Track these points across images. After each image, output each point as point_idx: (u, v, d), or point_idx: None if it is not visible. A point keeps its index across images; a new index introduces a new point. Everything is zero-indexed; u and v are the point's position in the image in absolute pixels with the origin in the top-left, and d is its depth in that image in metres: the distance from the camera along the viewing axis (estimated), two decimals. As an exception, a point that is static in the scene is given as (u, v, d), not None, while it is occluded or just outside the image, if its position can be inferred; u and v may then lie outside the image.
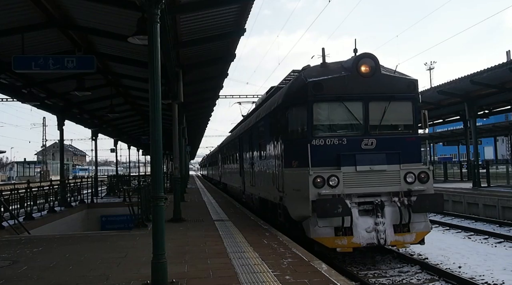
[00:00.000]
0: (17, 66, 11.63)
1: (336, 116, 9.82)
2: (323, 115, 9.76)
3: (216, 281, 6.23)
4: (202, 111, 27.63)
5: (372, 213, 9.18)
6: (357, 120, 9.73)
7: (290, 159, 10.20)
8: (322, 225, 9.01)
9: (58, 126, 19.46)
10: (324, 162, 9.36)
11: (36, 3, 10.10)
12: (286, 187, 10.37)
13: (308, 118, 9.59)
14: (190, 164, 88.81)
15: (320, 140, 9.50)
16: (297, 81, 10.51)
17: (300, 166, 9.68)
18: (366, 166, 9.33)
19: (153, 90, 5.78)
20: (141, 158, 63.86)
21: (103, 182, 31.40)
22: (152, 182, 5.97)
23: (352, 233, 8.98)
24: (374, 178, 9.37)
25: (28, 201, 14.62)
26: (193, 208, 17.32)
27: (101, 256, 8.17)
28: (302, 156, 9.50)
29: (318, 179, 9.05)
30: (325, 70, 10.07)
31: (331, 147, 9.47)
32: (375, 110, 9.76)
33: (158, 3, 5.78)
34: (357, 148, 9.49)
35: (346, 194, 9.17)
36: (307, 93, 9.62)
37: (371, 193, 9.35)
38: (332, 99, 9.66)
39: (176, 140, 14.74)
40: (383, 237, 8.98)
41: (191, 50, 13.54)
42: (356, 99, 9.72)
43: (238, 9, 10.83)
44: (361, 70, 9.69)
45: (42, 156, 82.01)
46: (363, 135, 9.66)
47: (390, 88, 9.84)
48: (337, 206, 8.65)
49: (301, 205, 9.40)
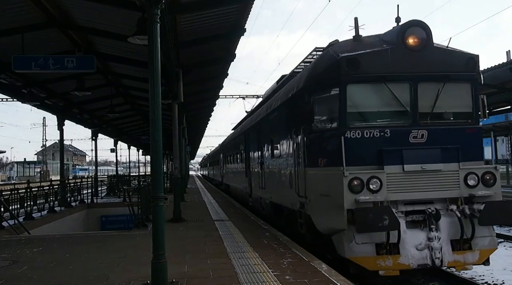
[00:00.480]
0: (17, 66, 11.64)
1: (376, 101, 7.95)
2: (360, 100, 7.93)
3: (216, 281, 6.23)
4: (202, 111, 27.64)
5: (423, 226, 7.38)
6: (403, 106, 7.80)
7: (316, 157, 8.40)
8: (361, 241, 7.21)
9: (58, 126, 19.48)
10: (361, 160, 7.56)
11: (36, 3, 10.09)
12: (310, 191, 8.57)
13: (341, 104, 7.69)
14: (190, 164, 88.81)
15: (356, 131, 7.63)
16: (325, 57, 8.57)
17: (329, 165, 7.92)
18: (416, 165, 7.46)
19: (153, 90, 5.78)
20: (141, 158, 63.91)
21: (103, 182, 31.41)
22: (152, 182, 5.97)
23: (398, 251, 7.16)
24: (426, 180, 7.48)
25: (28, 201, 14.63)
26: (193, 208, 17.32)
27: (101, 256, 8.18)
28: (332, 152, 7.81)
29: (355, 181, 7.23)
30: (359, 44, 8.13)
31: (371, 141, 7.61)
32: (426, 93, 7.85)
33: (158, 3, 5.78)
34: (404, 142, 7.62)
35: (390, 201, 7.33)
36: (339, 72, 7.71)
37: (422, 200, 7.49)
38: (372, 79, 7.76)
39: (176, 140, 14.75)
40: (439, 257, 7.13)
41: (191, 50, 13.54)
42: (402, 79, 7.81)
43: (238, 9, 10.83)
44: (409, 43, 7.72)
45: (42, 156, 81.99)
46: (411, 125, 7.72)
47: (444, 65, 7.87)
48: (382, 218, 6.82)
49: (332, 215, 7.61)
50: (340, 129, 7.66)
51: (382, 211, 6.97)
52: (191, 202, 20.48)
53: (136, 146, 47.81)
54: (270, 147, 12.44)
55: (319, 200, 8.18)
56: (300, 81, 9.36)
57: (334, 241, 7.78)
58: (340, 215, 7.25)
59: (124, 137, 37.87)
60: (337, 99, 7.77)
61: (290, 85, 10.56)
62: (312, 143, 8.60)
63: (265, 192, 13.49)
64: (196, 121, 31.83)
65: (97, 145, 30.25)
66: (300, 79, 9.57)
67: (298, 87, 9.39)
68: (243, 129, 19.04)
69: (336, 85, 7.82)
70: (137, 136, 38.32)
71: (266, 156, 13.17)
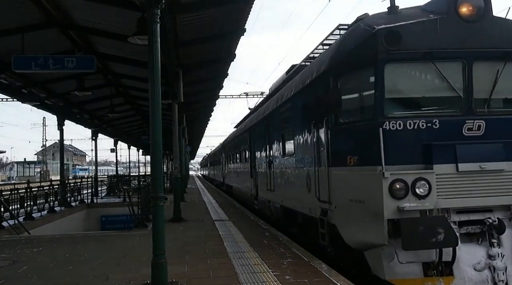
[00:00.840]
0: (17, 66, 11.64)
1: (422, 85, 6.54)
2: (402, 83, 6.55)
3: (216, 281, 6.23)
4: (202, 111, 27.64)
5: (481, 239, 6.08)
6: (455, 91, 6.38)
7: (343, 154, 6.92)
8: (405, 260, 5.96)
9: (58, 126, 19.50)
10: (403, 157, 6.18)
11: (36, 3, 10.09)
12: (336, 196, 7.16)
13: (378, 88, 6.34)
14: (190, 164, 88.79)
15: (397, 122, 6.22)
16: (356, 32, 6.99)
17: (361, 164, 6.52)
18: (473, 163, 6.08)
19: (153, 90, 5.78)
20: (141, 158, 63.85)
21: (103, 182, 31.43)
22: (152, 182, 5.98)
23: (451, 271, 5.91)
24: (484, 182, 6.11)
25: (28, 201, 14.64)
26: (193, 208, 17.32)
27: (101, 256, 8.18)
28: (367, 147, 6.45)
29: (397, 184, 5.91)
30: (397, 16, 6.61)
31: (415, 134, 6.22)
32: (483, 74, 6.45)
33: (158, 3, 5.79)
34: (457, 135, 6.23)
35: (441, 209, 6.03)
36: (375, 48, 6.30)
37: (479, 207, 6.14)
38: (417, 57, 6.34)
39: (176, 140, 14.77)
40: (503, 279, 5.85)
41: (191, 50, 13.54)
42: (454, 56, 6.39)
43: (238, 9, 10.83)
44: (463, 12, 6.29)
45: (42, 156, 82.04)
46: (466, 114, 6.32)
47: (506, 40, 6.42)
48: (436, 231, 5.56)
49: (366, 226, 6.28)
50: (377, 119, 6.29)
51: (435, 223, 5.65)
52: (191, 202, 20.49)
53: (136, 146, 47.78)
54: (281, 143, 11.08)
55: (348, 207, 6.77)
56: (322, 64, 7.84)
57: (368, 258, 6.52)
58: (378, 227, 5.95)
59: (124, 137, 37.87)
60: (373, 83, 6.43)
61: (308, 70, 9.15)
62: (338, 138, 7.17)
63: (274, 195, 12.13)
64: (196, 121, 31.83)
65: (97, 145, 30.27)
66: (321, 62, 8.08)
67: (319, 71, 7.87)
68: (247, 126, 17.50)
69: (371, 65, 6.44)
70: (137, 136, 38.32)
71: (276, 154, 11.84)
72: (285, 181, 10.88)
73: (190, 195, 24.92)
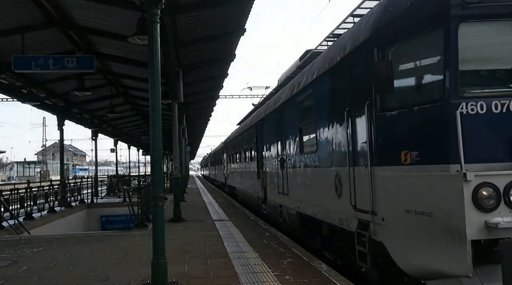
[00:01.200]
0: (17, 66, 11.64)
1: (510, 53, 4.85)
2: (482, 50, 4.91)
3: (216, 281, 6.23)
4: (202, 111, 27.64)
5: None
6: None
7: (395, 148, 5.31)
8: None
9: (58, 126, 19.51)
10: (488, 152, 4.64)
11: (36, 3, 10.10)
12: (384, 204, 5.47)
13: (450, 56, 4.73)
14: (190, 164, 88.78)
15: (477, 103, 4.65)
16: None
17: (425, 162, 4.92)
18: None
19: (153, 90, 5.78)
20: (141, 158, 63.85)
21: (103, 182, 31.44)
22: (152, 182, 5.98)
23: None
24: None
25: (28, 201, 14.65)
26: (193, 208, 17.33)
27: (101, 256, 8.18)
28: (433, 139, 4.87)
29: (483, 191, 4.35)
30: None
31: (503, 120, 4.63)
32: None
33: (158, 3, 5.78)
34: None
35: None
36: (445, 1, 4.74)
37: None
38: (502, 14, 4.71)
39: (176, 140, 14.77)
40: None
41: (191, 50, 13.54)
42: None
43: (238, 9, 10.82)
44: None
45: (42, 156, 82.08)
46: None
47: None
48: None
49: (435, 248, 4.69)
50: (450, 99, 4.67)
51: None
52: (191, 202, 20.50)
53: (136, 146, 47.79)
54: (298, 138, 9.42)
55: (404, 220, 5.10)
56: (360, 33, 6.17)
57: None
58: (457, 251, 4.38)
59: (124, 137, 37.88)
60: (441, 50, 4.79)
61: (335, 47, 7.53)
62: (387, 127, 5.50)
63: (288, 199, 10.35)
64: (196, 121, 31.84)
65: (97, 145, 30.26)
66: (357, 32, 6.40)
67: (356, 43, 6.20)
68: (253, 121, 15.72)
69: (438, 26, 4.81)
70: (137, 136, 38.32)
71: (290, 151, 10.11)
72: (303, 183, 9.19)
73: (190, 195, 24.93)
